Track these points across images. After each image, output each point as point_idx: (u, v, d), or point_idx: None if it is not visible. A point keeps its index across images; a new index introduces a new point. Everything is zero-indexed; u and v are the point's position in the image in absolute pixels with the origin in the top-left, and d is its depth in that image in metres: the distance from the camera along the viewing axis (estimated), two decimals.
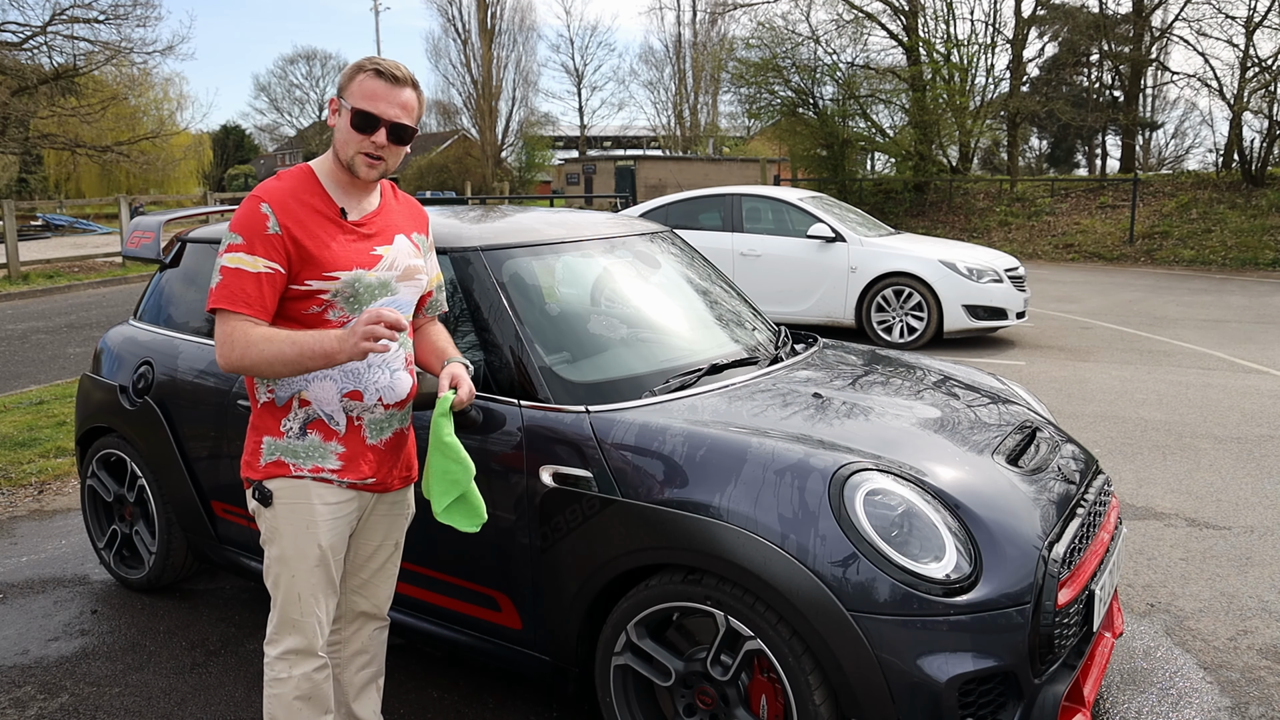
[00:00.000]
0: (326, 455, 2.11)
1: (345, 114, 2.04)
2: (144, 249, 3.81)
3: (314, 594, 2.14)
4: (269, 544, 2.15)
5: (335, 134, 2.07)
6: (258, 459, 2.13)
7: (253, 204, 2.00)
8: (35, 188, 37.04)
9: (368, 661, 2.43)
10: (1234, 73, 19.69)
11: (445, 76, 53.58)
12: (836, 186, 21.94)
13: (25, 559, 4.18)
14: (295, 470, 2.10)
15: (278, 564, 2.13)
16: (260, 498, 2.12)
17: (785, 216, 9.36)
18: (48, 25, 21.98)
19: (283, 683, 2.16)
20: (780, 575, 2.08)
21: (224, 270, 1.97)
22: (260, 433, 2.13)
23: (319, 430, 2.11)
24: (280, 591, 2.14)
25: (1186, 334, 9.27)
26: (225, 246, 1.98)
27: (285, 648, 2.15)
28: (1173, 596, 3.58)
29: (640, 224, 3.50)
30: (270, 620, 2.17)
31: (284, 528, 2.11)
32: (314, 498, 2.11)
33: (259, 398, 2.13)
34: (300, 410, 2.10)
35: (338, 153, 2.08)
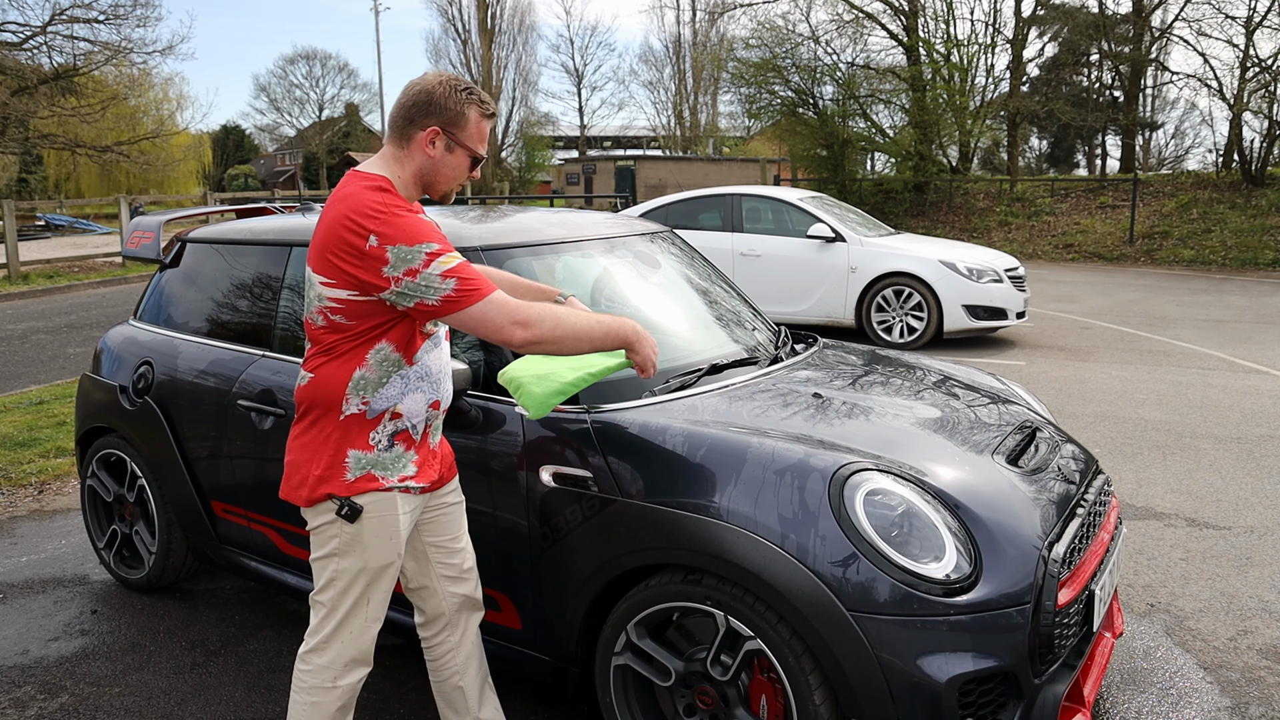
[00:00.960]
0: (407, 464, 2.14)
1: (458, 153, 2.07)
2: (144, 249, 3.81)
3: (384, 602, 2.17)
4: (345, 556, 2.10)
5: (430, 163, 2.07)
6: (342, 474, 2.07)
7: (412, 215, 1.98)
8: (35, 188, 37.04)
9: (480, 660, 2.46)
10: (1234, 73, 19.69)
11: None
12: (836, 186, 21.94)
13: (25, 559, 4.18)
14: (385, 483, 2.10)
15: (355, 575, 2.11)
16: (348, 514, 2.07)
17: (785, 216, 9.37)
18: (48, 25, 21.97)
19: (327, 692, 2.15)
20: (780, 575, 2.08)
21: (449, 273, 1.95)
22: (344, 445, 2.07)
23: (403, 441, 2.13)
24: (347, 601, 2.12)
25: (1186, 334, 9.27)
26: (425, 257, 1.93)
27: (336, 657, 2.14)
28: (1173, 596, 3.58)
29: (640, 224, 3.50)
30: (321, 629, 2.14)
31: (370, 540, 2.10)
32: (399, 508, 2.13)
33: (346, 409, 2.06)
34: (391, 423, 2.10)
35: (430, 182, 2.09)
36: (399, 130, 2.07)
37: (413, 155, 2.07)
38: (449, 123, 2.05)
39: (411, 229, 1.95)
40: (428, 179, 2.09)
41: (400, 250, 1.93)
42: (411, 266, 1.94)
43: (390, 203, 1.98)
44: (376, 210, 1.95)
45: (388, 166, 2.08)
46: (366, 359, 2.05)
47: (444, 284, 1.95)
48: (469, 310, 1.97)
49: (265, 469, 3.10)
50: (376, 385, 2.07)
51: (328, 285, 2.00)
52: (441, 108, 2.04)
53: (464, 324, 1.99)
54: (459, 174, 2.10)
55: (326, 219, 2.00)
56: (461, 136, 2.06)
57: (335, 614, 2.13)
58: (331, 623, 2.13)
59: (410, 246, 1.94)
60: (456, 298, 1.96)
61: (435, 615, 2.37)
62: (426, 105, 2.04)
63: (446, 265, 1.95)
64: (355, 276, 1.96)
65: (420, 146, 2.05)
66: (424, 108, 2.04)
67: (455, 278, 1.96)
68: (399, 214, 1.96)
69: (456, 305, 1.96)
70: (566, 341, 2.04)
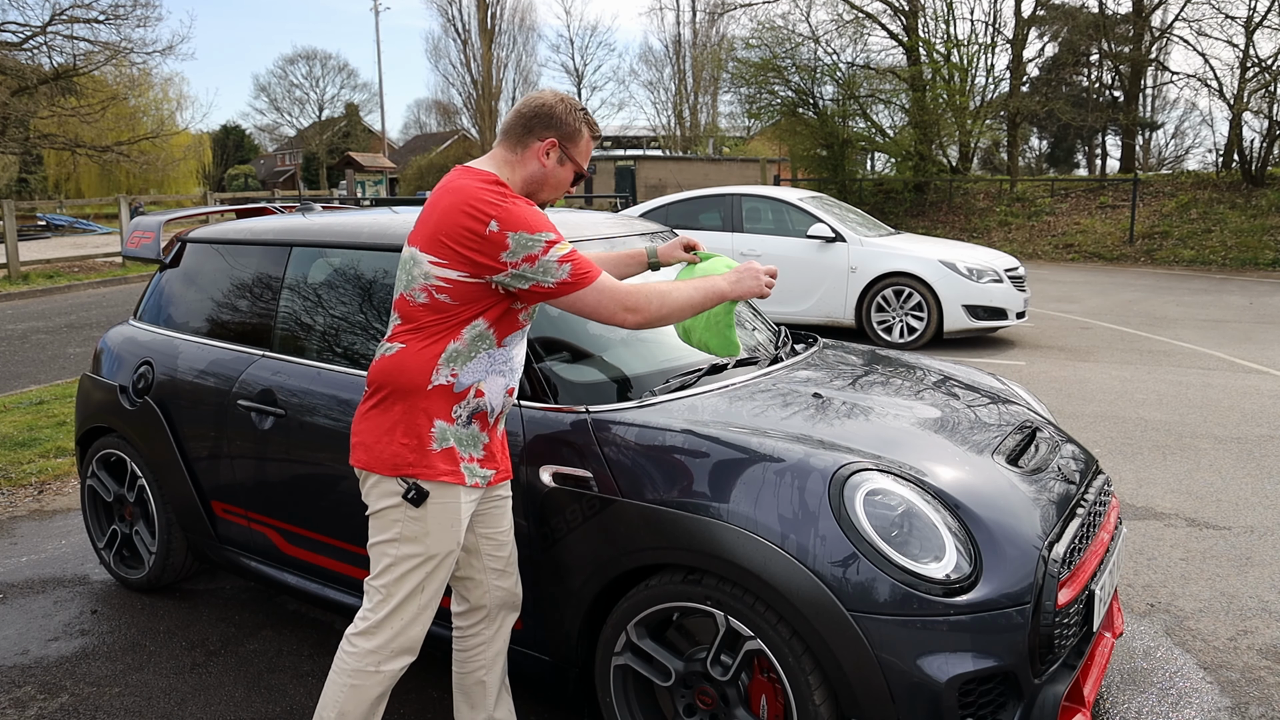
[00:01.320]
0: (479, 446, 2.21)
1: (567, 166, 2.24)
2: (144, 249, 3.81)
3: (438, 593, 2.22)
4: (407, 542, 2.15)
5: (541, 172, 2.22)
6: (428, 443, 2.14)
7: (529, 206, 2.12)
8: (35, 188, 37.04)
9: (505, 662, 2.50)
10: (1234, 73, 19.68)
11: (445, 76, 53.66)
12: (836, 186, 21.93)
13: (25, 559, 4.18)
14: (464, 460, 2.17)
15: (415, 562, 2.15)
16: (414, 497, 2.13)
17: (785, 216, 9.36)
18: (48, 25, 21.96)
19: (369, 675, 2.18)
20: (780, 575, 2.08)
21: (566, 258, 2.09)
22: (430, 416, 2.14)
23: (479, 421, 2.21)
24: (406, 586, 2.16)
25: (1186, 334, 9.27)
26: (545, 244, 2.06)
27: (385, 642, 2.18)
28: (1173, 596, 3.58)
29: (640, 224, 3.50)
30: (373, 614, 2.18)
31: (432, 527, 2.15)
32: (461, 497, 2.18)
33: (436, 379, 2.13)
34: (474, 400, 2.18)
35: (537, 189, 2.23)
36: (516, 137, 2.21)
37: (525, 162, 2.21)
38: (566, 137, 2.21)
39: (531, 218, 2.09)
40: (534, 186, 2.23)
41: (521, 237, 2.06)
42: (531, 253, 2.06)
43: (508, 194, 2.12)
44: (497, 199, 2.08)
45: (499, 168, 2.21)
46: (462, 334, 2.14)
47: (560, 269, 2.09)
48: (582, 294, 2.12)
49: (265, 469, 3.10)
50: (466, 359, 2.15)
51: (438, 265, 2.10)
52: (562, 122, 2.20)
53: (575, 306, 2.14)
54: (562, 186, 2.26)
55: (442, 205, 2.11)
56: (574, 152, 2.24)
57: (390, 600, 2.17)
58: (385, 609, 2.17)
59: (531, 234, 2.07)
60: (573, 282, 2.11)
61: (477, 605, 2.41)
62: (548, 118, 2.19)
63: (562, 252, 2.09)
64: (471, 259, 2.07)
65: (536, 155, 2.20)
66: (545, 120, 2.19)
67: (570, 263, 2.10)
68: (518, 204, 2.10)
69: (572, 288, 2.11)
70: (672, 316, 2.22)
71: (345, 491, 2.87)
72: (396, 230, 2.99)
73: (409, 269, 2.16)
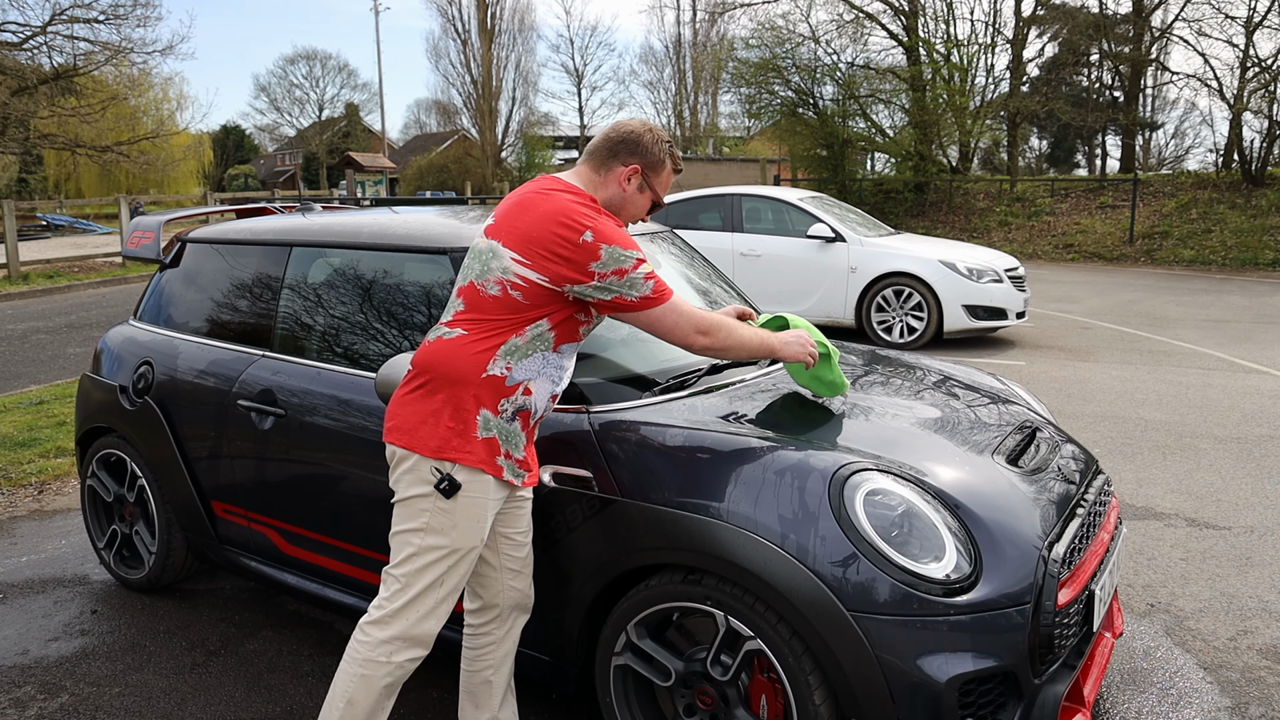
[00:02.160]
0: (518, 445, 2.23)
1: (647, 195, 2.32)
2: (144, 249, 3.81)
3: (457, 588, 2.22)
4: (433, 534, 2.16)
5: (621, 196, 2.29)
6: (473, 430, 2.16)
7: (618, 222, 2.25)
8: (35, 188, 37.04)
9: (511, 664, 2.50)
10: (1234, 73, 19.69)
11: (445, 76, 53.57)
12: (836, 186, 21.93)
13: (25, 559, 4.18)
14: (501, 454, 2.19)
15: (439, 552, 2.16)
16: (447, 487, 2.14)
17: (785, 216, 9.37)
18: (48, 25, 21.95)
19: (380, 665, 2.18)
20: (780, 575, 2.08)
21: (650, 276, 2.19)
22: (478, 404, 2.16)
23: (521, 420, 2.23)
24: (427, 577, 2.17)
25: (1186, 334, 9.27)
26: (634, 261, 2.16)
27: (399, 633, 2.18)
28: (1173, 596, 3.58)
29: (640, 224, 3.50)
30: (389, 604, 2.18)
31: (460, 521, 2.17)
32: (491, 492, 2.19)
33: (492, 369, 2.17)
34: (521, 397, 2.20)
35: (618, 210, 2.30)
36: (601, 159, 2.29)
37: (608, 184, 2.28)
38: (649, 166, 2.29)
39: (623, 235, 2.19)
40: (614, 209, 2.29)
41: (615, 250, 2.15)
42: (622, 267, 2.15)
43: (600, 210, 2.23)
44: (592, 213, 2.18)
45: (584, 185, 2.28)
46: (525, 330, 2.19)
47: (646, 285, 2.19)
48: (661, 310, 2.21)
49: (265, 469, 3.10)
50: (524, 355, 2.19)
51: (521, 264, 2.15)
52: (647, 151, 2.28)
53: (651, 321, 2.23)
54: (639, 212, 2.33)
55: (538, 210, 2.17)
56: (654, 181, 2.31)
57: (408, 590, 2.17)
58: (403, 598, 2.17)
59: (624, 250, 2.16)
60: (655, 297, 2.20)
61: (490, 604, 2.41)
62: (635, 145, 2.27)
63: (648, 270, 2.19)
64: (558, 266, 2.13)
65: (618, 179, 2.28)
66: (632, 147, 2.27)
67: (654, 281, 2.20)
68: (610, 221, 2.21)
69: (654, 304, 2.20)
70: (733, 351, 2.33)
71: (346, 491, 2.87)
72: (396, 230, 2.99)
73: (485, 260, 2.20)
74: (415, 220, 3.05)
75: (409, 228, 2.97)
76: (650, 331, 2.25)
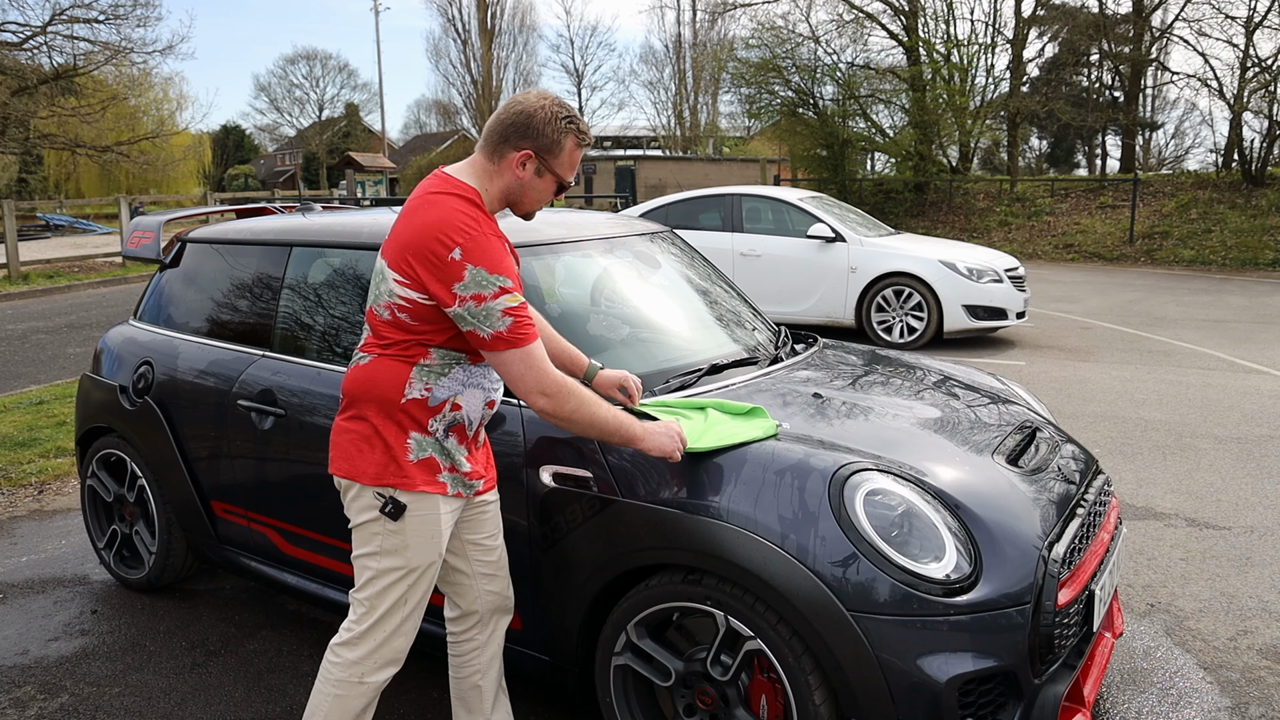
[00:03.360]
0: (459, 457, 2.16)
1: (547, 178, 2.09)
2: (144, 249, 3.81)
3: (422, 604, 2.18)
4: (388, 555, 2.11)
5: (518, 184, 2.09)
6: (405, 455, 2.09)
7: (499, 245, 2.01)
8: (35, 188, 37.04)
9: (500, 665, 2.48)
10: (1234, 73, 19.69)
11: (445, 76, 53.64)
12: (836, 186, 21.93)
13: (25, 559, 4.18)
14: (445, 469, 2.13)
15: (396, 574, 2.12)
16: (392, 510, 2.08)
17: (785, 216, 9.36)
18: (48, 25, 21.96)
19: (354, 686, 2.16)
20: (780, 575, 2.08)
21: (510, 312, 1.98)
22: (406, 428, 2.09)
23: (457, 434, 2.15)
24: (389, 599, 2.13)
25: (1186, 334, 9.27)
26: (496, 290, 1.96)
27: (369, 653, 2.15)
28: (1173, 596, 3.58)
29: (640, 224, 3.50)
30: (357, 626, 2.15)
31: (412, 539, 2.11)
32: (441, 507, 2.14)
33: (410, 392, 2.08)
34: (450, 414, 2.12)
35: (516, 200, 2.12)
36: (493, 146, 2.08)
37: (502, 173, 2.09)
38: (544, 149, 2.06)
39: (496, 256, 1.98)
40: (513, 198, 2.12)
41: (478, 274, 1.96)
42: (481, 293, 1.96)
43: (481, 221, 2.01)
44: (469, 226, 1.97)
45: (477, 178, 2.09)
46: (431, 353, 2.08)
47: (501, 321, 1.98)
48: (508, 354, 2.00)
49: (265, 469, 3.10)
50: (439, 374, 2.10)
51: (401, 284, 2.02)
52: (539, 133, 2.05)
53: (497, 366, 2.03)
54: (544, 197, 2.13)
55: (415, 222, 2.00)
56: (553, 163, 2.08)
57: (373, 612, 2.14)
58: (369, 621, 2.15)
59: (490, 274, 1.96)
60: (508, 339, 1.99)
61: (469, 611, 2.39)
62: (525, 127, 2.05)
63: (510, 304, 1.98)
64: (427, 284, 1.98)
65: (511, 166, 2.07)
66: (522, 129, 2.05)
67: (513, 318, 1.98)
68: (488, 238, 2.00)
69: (503, 345, 1.99)
70: (579, 426, 2.09)
71: None
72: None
73: (378, 282, 2.09)
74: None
75: None
76: (496, 371, 2.06)
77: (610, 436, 2.13)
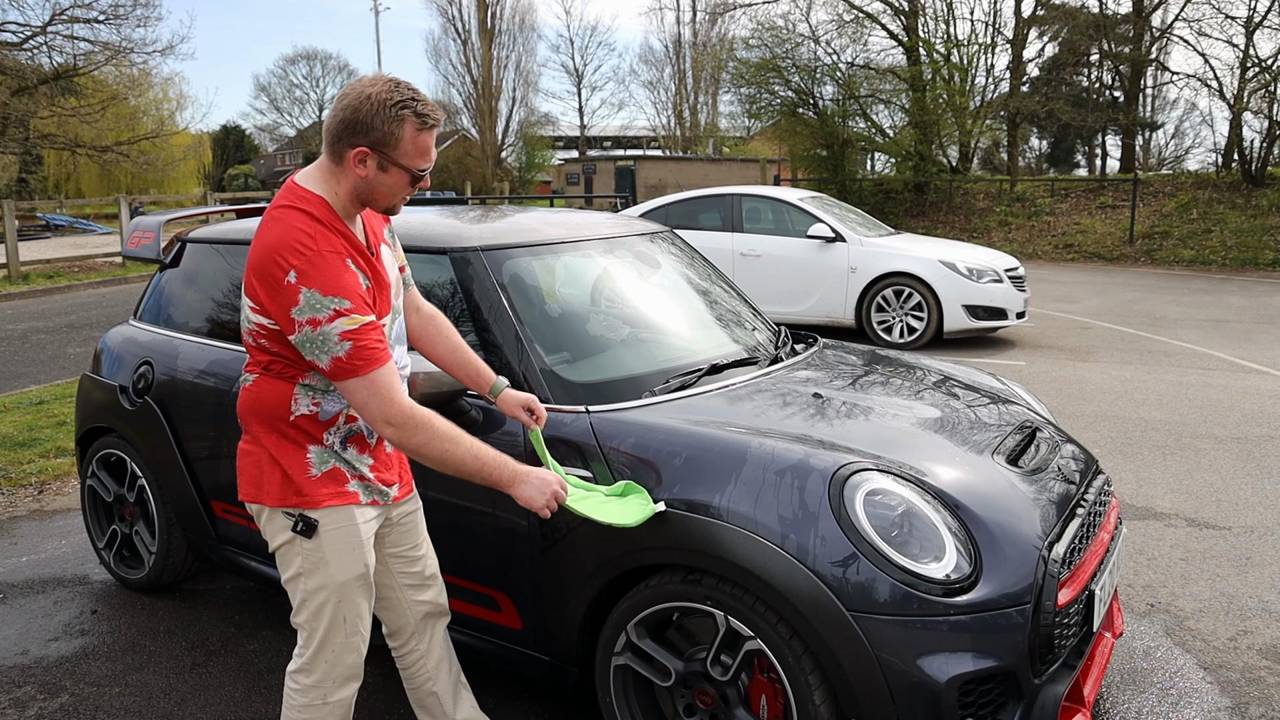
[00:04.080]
0: (368, 466, 2.10)
1: (393, 171, 1.89)
2: (144, 249, 3.81)
3: (361, 614, 2.11)
4: (310, 575, 2.04)
5: (364, 183, 1.91)
6: (305, 472, 2.00)
7: (336, 263, 1.84)
8: (35, 188, 37.05)
9: (450, 662, 2.44)
10: (1234, 73, 19.70)
11: (445, 76, 53.54)
12: (836, 186, 21.94)
13: (25, 559, 4.18)
14: (352, 478, 2.06)
15: (324, 592, 2.04)
16: (304, 529, 2.00)
17: (785, 216, 9.37)
18: (48, 25, 21.97)
19: (319, 709, 2.11)
20: (780, 575, 2.08)
21: (347, 335, 1.82)
22: (302, 444, 2.01)
23: (356, 444, 2.08)
24: (324, 619, 2.06)
25: (1186, 334, 9.27)
26: (331, 313, 1.80)
27: (325, 674, 2.10)
28: (1173, 596, 3.58)
29: (640, 224, 3.50)
30: (306, 649, 2.09)
31: (332, 555, 2.03)
32: (358, 517, 2.07)
33: (297, 410, 1.99)
34: (345, 425, 2.05)
35: (368, 199, 1.94)
36: (330, 146, 1.90)
37: (346, 173, 1.91)
38: (378, 143, 1.86)
39: (331, 276, 1.82)
40: (364, 197, 1.94)
41: (313, 296, 1.81)
42: (316, 317, 1.81)
43: (320, 237, 1.85)
44: (304, 246, 1.82)
45: (325, 182, 1.93)
46: (306, 371, 1.99)
47: (339, 346, 1.82)
48: (350, 383, 1.86)
49: None
50: (323, 390, 2.01)
51: (253, 310, 1.92)
52: (369, 127, 1.84)
53: (343, 393, 1.90)
54: (398, 190, 1.93)
55: (258, 244, 1.86)
56: (395, 155, 1.87)
57: (315, 635, 2.07)
58: (313, 644, 2.08)
59: (324, 296, 1.81)
60: (346, 365, 1.84)
61: (400, 626, 2.34)
62: (354, 124, 1.85)
63: (347, 327, 1.82)
64: (270, 310, 1.86)
65: (351, 166, 1.89)
66: (351, 126, 1.85)
67: (352, 342, 1.83)
68: (324, 256, 1.83)
69: (344, 373, 1.85)
70: (430, 462, 1.95)
71: None
72: (395, 230, 2.98)
73: (243, 307, 1.96)
74: (415, 220, 3.05)
75: (409, 228, 2.97)
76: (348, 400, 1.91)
77: (470, 477, 1.97)
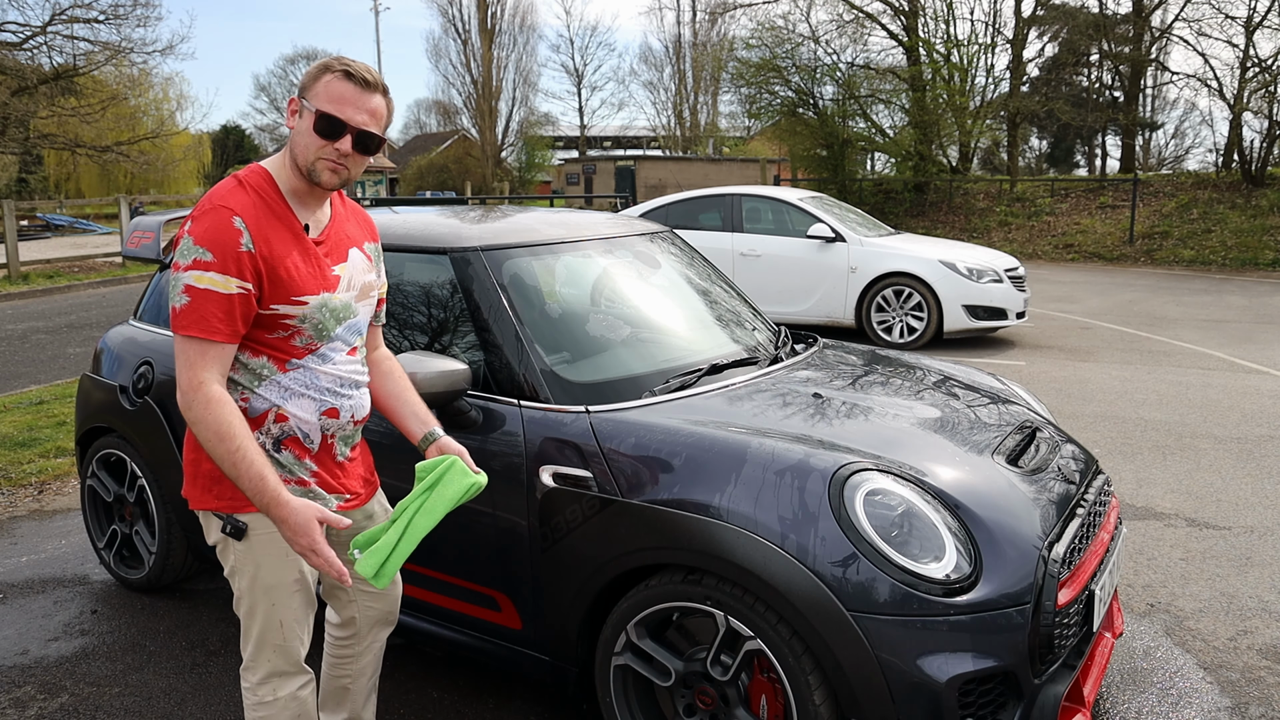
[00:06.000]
0: (307, 470, 2.02)
1: (308, 116, 1.88)
2: (144, 249, 3.81)
3: (296, 618, 2.05)
4: (243, 575, 2.00)
5: (294, 137, 1.91)
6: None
7: (223, 216, 1.83)
8: (35, 188, 37.04)
9: (375, 669, 2.41)
10: (1234, 73, 19.70)
11: (445, 76, 53.64)
12: (836, 186, 21.94)
13: (25, 559, 4.18)
14: (287, 481, 1.97)
15: (255, 594, 2.01)
16: (233, 532, 1.95)
17: (785, 216, 9.37)
18: (48, 25, 21.96)
19: (269, 705, 2.08)
20: (780, 575, 2.08)
21: (191, 290, 1.80)
22: None
23: (293, 447, 1.99)
24: (258, 620, 2.03)
25: (1186, 334, 9.27)
26: (191, 261, 1.80)
27: (268, 671, 2.07)
28: (1173, 596, 3.58)
29: (640, 224, 3.50)
30: (246, 647, 2.06)
31: (262, 559, 1.99)
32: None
33: None
34: (276, 425, 1.97)
35: (296, 158, 1.92)
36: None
37: (291, 138, 1.95)
38: (303, 90, 1.91)
39: (213, 228, 1.82)
40: (297, 153, 1.92)
41: (186, 241, 1.83)
42: (179, 261, 1.82)
43: (231, 195, 1.87)
44: (212, 197, 1.87)
45: (280, 155, 1.99)
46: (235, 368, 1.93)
47: (180, 296, 1.81)
48: (181, 341, 1.83)
49: None
50: (250, 387, 1.95)
51: None
52: (303, 83, 1.92)
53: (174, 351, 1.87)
54: (311, 141, 1.89)
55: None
56: (309, 95, 1.89)
57: (252, 631, 2.05)
58: (253, 641, 2.05)
59: (195, 244, 1.81)
60: (178, 318, 1.81)
61: (348, 621, 2.31)
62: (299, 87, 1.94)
63: (193, 281, 1.80)
64: None
65: (290, 124, 1.94)
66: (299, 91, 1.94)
67: (190, 297, 1.80)
68: (219, 210, 1.84)
69: (175, 323, 1.83)
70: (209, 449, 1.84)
71: None
72: (396, 230, 2.98)
73: None
74: (415, 220, 3.05)
75: (409, 228, 2.97)
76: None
77: (236, 481, 1.85)
